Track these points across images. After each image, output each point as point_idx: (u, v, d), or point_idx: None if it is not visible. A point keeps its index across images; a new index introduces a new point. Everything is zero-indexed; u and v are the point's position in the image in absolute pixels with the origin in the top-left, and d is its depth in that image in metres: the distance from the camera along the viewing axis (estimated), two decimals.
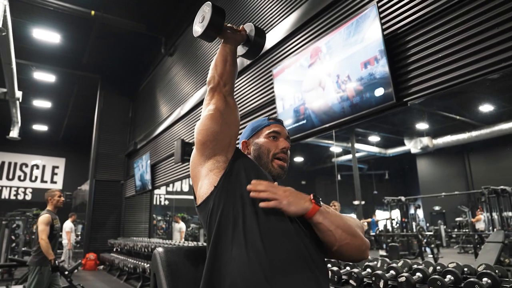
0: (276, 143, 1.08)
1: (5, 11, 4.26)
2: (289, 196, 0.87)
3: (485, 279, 1.69)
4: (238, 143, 1.00)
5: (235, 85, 4.75)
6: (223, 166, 0.94)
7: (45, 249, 3.28)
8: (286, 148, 1.08)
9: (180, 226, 8.39)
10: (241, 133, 1.17)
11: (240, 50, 1.14)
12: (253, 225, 0.85)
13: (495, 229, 5.88)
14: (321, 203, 0.91)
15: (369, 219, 10.86)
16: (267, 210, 0.87)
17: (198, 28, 1.05)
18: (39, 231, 3.32)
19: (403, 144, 11.00)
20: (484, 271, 1.75)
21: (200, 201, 0.93)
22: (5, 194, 14.82)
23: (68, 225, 8.12)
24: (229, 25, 1.06)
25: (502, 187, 6.09)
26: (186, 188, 13.76)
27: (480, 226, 8.77)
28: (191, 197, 1.06)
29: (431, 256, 7.61)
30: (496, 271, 1.79)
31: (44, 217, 3.39)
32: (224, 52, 1.03)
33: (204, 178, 0.94)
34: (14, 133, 8.27)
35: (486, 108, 8.79)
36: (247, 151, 1.11)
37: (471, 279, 1.68)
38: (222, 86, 1.00)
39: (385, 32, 2.43)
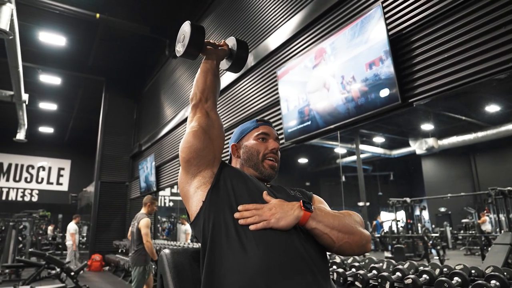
0: (266, 144, 1.09)
1: (12, 15, 4.31)
2: (276, 213, 0.86)
3: (493, 282, 1.67)
4: (224, 157, 1.00)
5: (239, 87, 4.73)
6: (209, 181, 0.95)
7: (150, 250, 3.60)
8: (276, 149, 1.09)
9: (185, 228, 8.41)
10: (229, 139, 1.17)
11: (225, 64, 1.15)
12: (246, 232, 0.85)
13: (502, 231, 5.80)
14: (313, 207, 0.90)
15: (374, 222, 10.78)
16: None
17: (179, 47, 1.06)
18: (143, 234, 3.62)
19: (408, 145, 10.90)
20: (492, 273, 1.73)
21: (192, 218, 0.94)
22: (12, 195, 14.99)
23: (72, 226, 8.17)
24: (210, 41, 1.06)
25: (509, 188, 6.02)
26: None
27: (486, 227, 8.67)
28: None
29: (437, 258, 7.54)
30: (505, 273, 1.76)
31: (145, 220, 3.66)
32: (204, 68, 1.04)
33: (193, 196, 0.95)
34: (20, 135, 8.36)
35: (492, 108, 8.69)
36: (237, 154, 1.11)
37: (479, 281, 1.66)
38: (204, 102, 1.01)
39: (390, 33, 2.42)
